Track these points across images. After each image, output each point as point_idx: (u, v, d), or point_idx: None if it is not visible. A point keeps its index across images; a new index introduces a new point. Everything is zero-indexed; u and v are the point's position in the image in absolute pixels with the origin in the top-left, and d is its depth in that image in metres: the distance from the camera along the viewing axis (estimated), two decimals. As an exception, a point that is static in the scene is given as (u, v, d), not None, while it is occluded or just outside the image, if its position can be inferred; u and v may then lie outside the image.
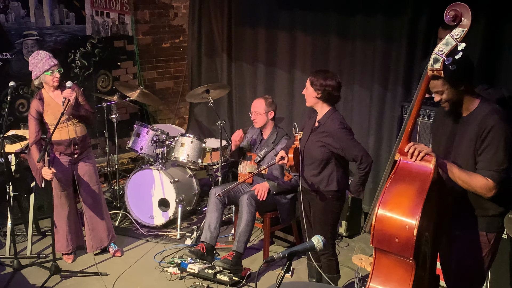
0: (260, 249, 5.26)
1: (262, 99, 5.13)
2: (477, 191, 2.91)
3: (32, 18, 6.36)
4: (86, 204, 4.99)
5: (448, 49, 2.79)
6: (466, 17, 2.77)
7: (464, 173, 2.90)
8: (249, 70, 6.88)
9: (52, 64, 4.61)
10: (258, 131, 5.21)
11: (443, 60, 2.79)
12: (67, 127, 4.70)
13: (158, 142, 5.82)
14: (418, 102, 2.95)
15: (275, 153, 4.92)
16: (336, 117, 4.08)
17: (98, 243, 5.11)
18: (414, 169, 2.85)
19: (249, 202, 4.81)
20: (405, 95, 5.18)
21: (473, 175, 2.89)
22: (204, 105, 7.24)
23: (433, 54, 2.82)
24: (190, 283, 4.67)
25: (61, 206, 4.90)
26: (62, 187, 4.85)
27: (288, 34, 6.27)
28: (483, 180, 2.87)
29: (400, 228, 2.70)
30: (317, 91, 4.03)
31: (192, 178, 6.00)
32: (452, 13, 2.78)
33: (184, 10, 7.72)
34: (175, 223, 5.70)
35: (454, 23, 2.79)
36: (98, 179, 5.05)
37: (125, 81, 7.18)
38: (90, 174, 4.95)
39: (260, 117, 5.06)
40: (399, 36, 5.19)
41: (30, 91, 6.36)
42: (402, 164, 2.89)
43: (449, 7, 2.79)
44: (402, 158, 2.91)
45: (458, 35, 2.78)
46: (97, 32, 6.94)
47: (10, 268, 4.83)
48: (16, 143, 5.08)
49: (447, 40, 2.80)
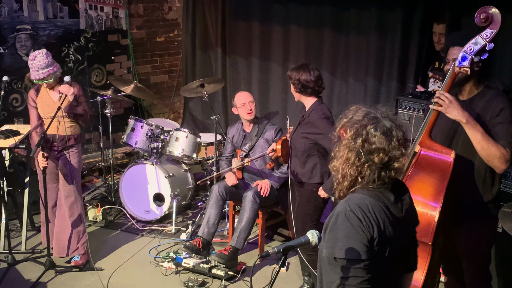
0: (256, 243, 5.26)
1: (245, 91, 5.29)
2: (492, 160, 2.94)
3: (26, 12, 6.32)
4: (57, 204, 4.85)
5: (477, 48, 2.93)
6: (497, 19, 2.91)
7: (486, 139, 2.93)
8: (244, 64, 6.87)
9: (37, 77, 4.52)
10: (240, 127, 5.27)
11: (471, 59, 2.92)
12: (56, 123, 4.63)
13: (152, 136, 5.80)
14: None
15: (263, 141, 4.96)
16: (320, 108, 4.13)
17: (59, 251, 4.84)
18: (434, 160, 2.97)
19: (253, 199, 4.80)
20: (400, 89, 5.18)
21: (494, 143, 2.93)
22: (199, 99, 7.23)
23: (462, 52, 2.94)
24: (185, 277, 4.67)
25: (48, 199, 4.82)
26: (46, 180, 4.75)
27: (282, 27, 6.26)
28: (502, 149, 2.92)
29: (422, 213, 2.74)
30: (294, 85, 4.15)
31: (187, 173, 5.99)
32: (484, 15, 2.92)
33: (178, 4, 7.70)
34: (170, 217, 5.70)
35: (485, 24, 2.93)
36: (71, 180, 4.77)
37: (119, 75, 7.15)
38: (64, 173, 4.76)
39: (254, 106, 5.16)
40: (394, 30, 5.18)
41: (24, 86, 6.33)
42: (422, 155, 3.00)
43: (481, 9, 2.93)
44: (423, 149, 3.02)
45: (488, 35, 2.92)
46: (91, 26, 6.91)
47: (5, 263, 4.83)
48: (10, 138, 5.05)
49: (476, 40, 2.93)
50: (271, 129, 5.10)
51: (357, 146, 2.11)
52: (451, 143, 3.11)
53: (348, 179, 2.15)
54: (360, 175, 2.13)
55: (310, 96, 4.14)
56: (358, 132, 2.12)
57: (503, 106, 2.97)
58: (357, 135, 2.12)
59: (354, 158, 2.12)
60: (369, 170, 2.11)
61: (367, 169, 2.11)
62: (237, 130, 5.28)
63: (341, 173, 2.17)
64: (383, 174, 2.12)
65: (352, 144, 2.12)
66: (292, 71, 4.17)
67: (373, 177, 2.12)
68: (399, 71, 5.20)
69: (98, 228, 5.63)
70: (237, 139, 5.27)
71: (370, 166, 2.11)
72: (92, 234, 5.42)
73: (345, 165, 2.15)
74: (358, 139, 2.11)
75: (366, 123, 2.13)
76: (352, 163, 2.13)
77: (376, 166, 2.11)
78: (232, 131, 5.35)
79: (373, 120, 2.13)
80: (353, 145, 2.12)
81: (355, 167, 2.13)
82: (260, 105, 6.63)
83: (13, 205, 5.38)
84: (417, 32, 5.04)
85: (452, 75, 3.02)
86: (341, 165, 2.16)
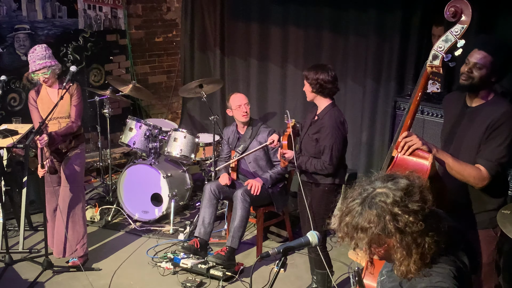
0: (253, 244, 5.26)
1: (242, 94, 5.26)
2: (469, 181, 2.89)
3: (24, 11, 6.32)
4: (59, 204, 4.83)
5: (448, 46, 2.79)
6: (466, 13, 2.76)
7: (457, 163, 2.87)
8: (242, 65, 6.88)
9: (34, 69, 4.52)
10: (234, 130, 5.26)
11: (442, 57, 2.80)
12: (58, 124, 4.65)
13: (151, 137, 5.80)
14: (416, 99, 2.93)
15: (257, 144, 4.95)
16: (334, 112, 4.12)
17: (58, 250, 4.85)
18: (410, 166, 2.79)
19: (243, 197, 4.81)
20: (398, 90, 5.19)
21: (467, 165, 2.88)
22: (197, 99, 7.23)
23: (432, 51, 2.82)
24: (183, 278, 4.67)
25: (47, 202, 4.82)
26: (47, 183, 4.75)
27: (281, 28, 6.27)
28: (476, 170, 2.86)
29: None
30: (311, 85, 4.09)
31: (185, 173, 5.98)
32: (452, 9, 2.77)
33: (177, 4, 7.70)
34: (168, 218, 5.69)
35: (453, 20, 2.78)
36: (75, 181, 4.78)
37: (118, 75, 7.15)
38: (67, 173, 4.74)
39: (249, 108, 5.14)
40: (392, 31, 5.19)
41: (22, 85, 6.33)
42: (399, 160, 2.85)
43: (449, 3, 2.78)
44: (400, 154, 2.88)
45: (458, 31, 2.77)
46: (89, 26, 6.90)
47: (2, 263, 4.81)
48: (8, 137, 5.03)
49: (446, 37, 2.80)
50: (264, 131, 5.09)
51: (392, 231, 1.89)
52: (450, 149, 3.04)
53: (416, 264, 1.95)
54: (422, 255, 1.93)
55: (325, 97, 4.13)
56: (379, 221, 1.90)
57: (503, 121, 2.85)
58: (381, 225, 1.90)
59: (402, 244, 1.92)
60: (423, 245, 1.92)
61: (420, 245, 1.92)
62: (232, 132, 5.29)
63: (409, 267, 1.96)
64: (431, 221, 1.93)
65: (388, 234, 1.91)
66: (309, 70, 4.12)
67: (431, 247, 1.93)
68: (398, 73, 5.21)
69: (96, 228, 5.62)
70: (232, 141, 5.28)
71: (418, 240, 1.91)
72: (90, 234, 5.39)
73: (404, 259, 1.94)
74: (386, 226, 1.90)
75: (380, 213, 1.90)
76: (407, 251, 1.92)
77: (421, 233, 1.91)
78: (227, 132, 5.35)
79: (370, 199, 1.93)
80: (391, 234, 1.90)
81: (413, 251, 1.92)
82: (258, 106, 6.64)
83: (11, 205, 5.37)
84: (416, 33, 5.06)
85: (425, 75, 2.90)
86: (404, 261, 1.95)
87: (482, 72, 2.87)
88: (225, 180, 5.08)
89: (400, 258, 1.94)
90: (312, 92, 4.12)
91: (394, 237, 1.90)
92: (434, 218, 1.93)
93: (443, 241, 1.94)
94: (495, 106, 2.90)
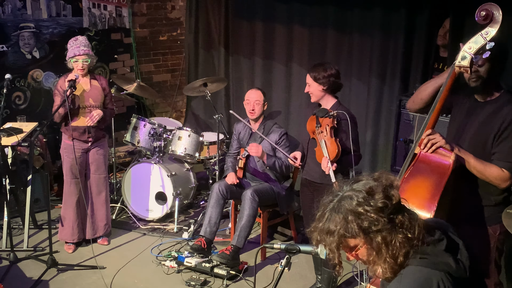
0: (258, 243, 5.25)
1: (258, 90, 5.17)
2: (491, 181, 2.94)
3: (29, 10, 6.32)
4: (90, 191, 5.11)
5: (477, 47, 2.85)
6: (497, 16, 2.82)
7: (479, 163, 2.93)
8: (247, 64, 6.86)
9: (77, 53, 4.76)
10: (246, 126, 5.20)
11: (471, 58, 2.85)
12: (85, 114, 4.85)
13: (155, 135, 5.80)
14: (443, 98, 2.99)
15: (267, 143, 4.90)
16: (345, 109, 4.11)
17: (94, 231, 5.19)
18: (433, 163, 2.89)
19: (252, 197, 4.78)
20: (403, 89, 5.17)
21: (488, 165, 2.93)
22: (201, 98, 7.22)
23: (462, 52, 2.88)
24: (187, 276, 4.67)
25: (70, 194, 5.00)
26: (72, 174, 4.96)
27: (285, 27, 6.25)
28: (498, 170, 2.91)
29: None
30: (322, 84, 4.08)
31: (190, 172, 5.99)
32: (483, 12, 2.83)
33: (181, 3, 7.69)
34: (172, 216, 5.70)
35: (485, 22, 2.84)
36: (105, 169, 5.16)
37: (122, 74, 7.15)
38: (99, 163, 5.07)
39: (258, 107, 5.06)
40: (397, 30, 5.17)
41: (27, 84, 6.34)
42: (422, 157, 2.93)
43: (481, 6, 2.84)
44: (423, 151, 2.96)
45: (488, 34, 2.83)
46: (94, 25, 6.91)
47: (7, 261, 4.82)
48: (13, 135, 5.05)
49: (476, 39, 2.86)
50: (276, 131, 5.01)
51: (356, 231, 1.89)
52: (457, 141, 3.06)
53: (393, 263, 1.92)
54: (393, 254, 1.90)
55: (332, 94, 4.15)
56: (344, 223, 1.90)
57: (511, 120, 2.90)
58: (345, 225, 1.90)
59: (373, 244, 1.90)
60: (392, 235, 1.90)
61: (392, 237, 1.90)
62: (244, 127, 5.25)
63: (385, 266, 1.93)
64: (399, 218, 1.91)
65: (353, 234, 1.90)
66: (316, 70, 4.09)
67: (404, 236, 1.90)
68: (402, 71, 5.19)
69: (100, 226, 5.63)
70: (243, 136, 5.23)
71: (390, 231, 1.89)
72: (94, 232, 5.42)
73: (376, 258, 1.93)
74: (349, 226, 1.90)
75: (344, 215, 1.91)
76: (378, 249, 1.90)
77: (387, 226, 1.89)
78: (239, 127, 5.31)
79: (338, 202, 1.94)
80: (355, 234, 1.90)
81: (387, 249, 1.90)
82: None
83: (16, 203, 5.37)
84: (421, 32, 5.03)
85: (453, 75, 2.97)
86: (377, 260, 1.93)
87: (487, 66, 2.94)
88: (232, 179, 5.06)
89: (370, 258, 1.93)
90: (323, 91, 4.10)
91: (359, 237, 1.90)
92: (402, 214, 1.92)
93: (417, 238, 1.91)
94: (505, 104, 2.96)
